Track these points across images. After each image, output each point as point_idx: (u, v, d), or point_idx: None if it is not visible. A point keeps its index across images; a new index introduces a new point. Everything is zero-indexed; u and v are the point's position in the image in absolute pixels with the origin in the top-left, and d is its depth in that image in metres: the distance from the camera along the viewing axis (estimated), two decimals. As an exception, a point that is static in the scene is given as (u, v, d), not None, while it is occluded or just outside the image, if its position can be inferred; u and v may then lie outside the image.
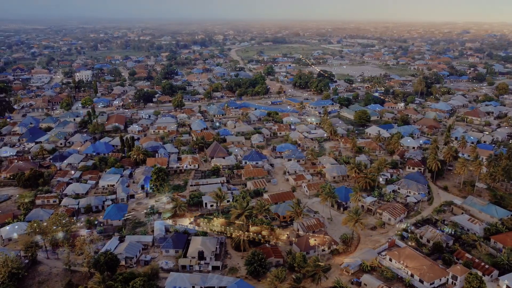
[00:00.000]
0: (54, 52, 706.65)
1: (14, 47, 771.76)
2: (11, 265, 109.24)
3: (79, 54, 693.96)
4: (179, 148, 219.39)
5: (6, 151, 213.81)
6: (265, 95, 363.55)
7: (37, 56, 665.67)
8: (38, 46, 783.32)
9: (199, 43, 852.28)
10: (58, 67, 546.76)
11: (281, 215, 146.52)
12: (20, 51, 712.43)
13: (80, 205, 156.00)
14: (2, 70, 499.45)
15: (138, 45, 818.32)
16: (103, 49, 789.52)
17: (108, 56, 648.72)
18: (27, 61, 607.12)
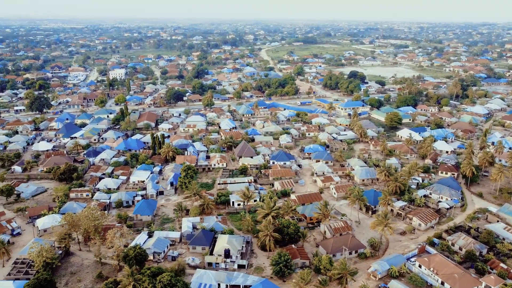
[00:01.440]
0: (90, 50, 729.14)
1: (53, 45, 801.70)
2: (45, 255, 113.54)
3: (113, 53, 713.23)
4: (208, 147, 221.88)
5: (43, 146, 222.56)
6: (295, 95, 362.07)
7: (74, 54, 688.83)
8: (75, 45, 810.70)
9: (229, 42, 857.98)
10: (94, 65, 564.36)
11: (308, 216, 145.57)
12: (59, 50, 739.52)
13: (112, 199, 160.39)
14: (42, 67, 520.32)
15: (170, 45, 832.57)
16: (136, 48, 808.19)
17: (141, 55, 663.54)
18: (65, 59, 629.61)
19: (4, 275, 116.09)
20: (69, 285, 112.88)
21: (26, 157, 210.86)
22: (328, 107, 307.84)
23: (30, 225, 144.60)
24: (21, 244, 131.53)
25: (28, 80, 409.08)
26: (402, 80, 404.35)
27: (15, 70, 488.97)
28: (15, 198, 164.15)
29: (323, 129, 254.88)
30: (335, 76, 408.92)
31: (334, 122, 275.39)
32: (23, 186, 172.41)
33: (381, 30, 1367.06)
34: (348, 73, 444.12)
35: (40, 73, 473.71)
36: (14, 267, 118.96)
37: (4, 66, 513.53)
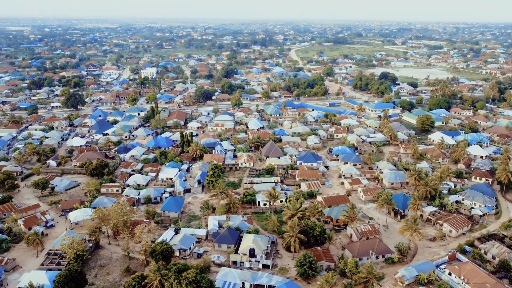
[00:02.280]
0: (123, 50, 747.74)
1: (88, 45, 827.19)
2: (77, 247, 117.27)
3: (145, 52, 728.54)
4: (235, 146, 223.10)
5: (77, 141, 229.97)
6: (324, 96, 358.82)
7: (108, 53, 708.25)
8: (109, 44, 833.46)
9: (259, 42, 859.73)
10: (126, 64, 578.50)
11: (334, 218, 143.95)
12: (93, 49, 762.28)
13: (141, 195, 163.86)
14: (77, 66, 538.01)
15: (200, 44, 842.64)
16: (167, 47, 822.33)
17: (172, 55, 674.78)
18: (99, 58, 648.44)
19: (38, 265, 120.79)
20: (98, 278, 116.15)
21: (60, 152, 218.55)
22: (358, 109, 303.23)
23: (63, 217, 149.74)
24: (54, 236, 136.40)
25: (64, 78, 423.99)
26: (435, 82, 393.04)
27: (52, 68, 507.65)
28: (50, 191, 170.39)
29: (352, 131, 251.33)
30: (366, 77, 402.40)
31: (364, 124, 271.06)
32: (57, 180, 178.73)
33: (414, 31, 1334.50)
34: (379, 74, 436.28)
35: (75, 71, 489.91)
36: (47, 257, 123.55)
37: (42, 64, 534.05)
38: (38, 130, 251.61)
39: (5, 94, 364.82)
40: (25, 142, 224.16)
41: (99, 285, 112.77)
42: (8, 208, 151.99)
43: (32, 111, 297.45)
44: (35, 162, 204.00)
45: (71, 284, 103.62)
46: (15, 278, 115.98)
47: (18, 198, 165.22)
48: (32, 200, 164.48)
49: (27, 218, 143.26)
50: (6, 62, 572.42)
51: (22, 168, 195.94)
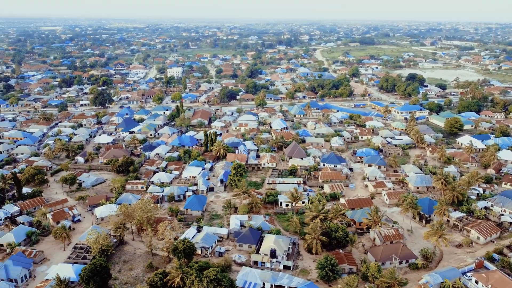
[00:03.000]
0: (150, 49, 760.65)
1: (116, 44, 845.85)
2: (102, 242, 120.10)
3: (172, 52, 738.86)
4: (258, 146, 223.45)
5: (104, 139, 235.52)
6: (349, 97, 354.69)
7: (135, 53, 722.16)
8: (137, 44, 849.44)
9: (284, 43, 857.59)
10: (153, 63, 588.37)
11: (357, 221, 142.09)
12: (122, 48, 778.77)
13: (164, 193, 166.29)
14: (105, 64, 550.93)
15: (226, 44, 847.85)
16: (193, 47, 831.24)
17: (197, 54, 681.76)
18: (126, 57, 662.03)
19: (65, 258, 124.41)
20: (122, 273, 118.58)
21: (88, 149, 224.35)
22: (384, 110, 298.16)
23: (89, 213, 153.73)
24: (81, 231, 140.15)
25: (93, 77, 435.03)
26: (465, 84, 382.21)
27: (82, 66, 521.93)
28: (77, 187, 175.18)
29: (377, 133, 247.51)
30: (392, 78, 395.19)
31: (389, 126, 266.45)
32: (85, 176, 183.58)
33: (444, 31, 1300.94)
34: (406, 75, 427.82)
35: (104, 70, 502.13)
36: (73, 251, 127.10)
37: (72, 63, 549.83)
38: (67, 127, 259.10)
39: (37, 92, 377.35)
40: (55, 139, 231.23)
41: (123, 280, 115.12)
42: (38, 202, 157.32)
43: (62, 109, 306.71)
44: (64, 158, 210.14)
45: (96, 278, 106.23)
46: (43, 270, 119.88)
47: (47, 193, 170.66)
48: (61, 195, 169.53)
49: (55, 212, 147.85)
50: (38, 60, 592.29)
51: (52, 163, 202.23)
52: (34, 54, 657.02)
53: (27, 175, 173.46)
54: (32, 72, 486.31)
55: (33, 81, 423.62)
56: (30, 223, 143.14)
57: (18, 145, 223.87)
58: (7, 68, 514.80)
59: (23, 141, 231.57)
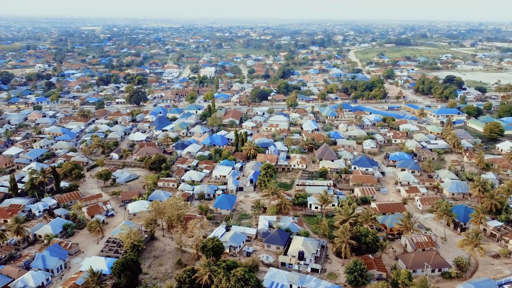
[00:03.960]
0: (184, 49, 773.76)
1: (152, 44, 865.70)
2: (133, 237, 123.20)
3: (205, 52, 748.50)
4: (289, 147, 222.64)
5: (138, 136, 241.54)
6: (382, 99, 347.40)
7: (170, 52, 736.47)
8: (171, 44, 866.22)
9: (317, 43, 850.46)
10: (187, 63, 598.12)
11: (388, 227, 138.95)
12: (157, 48, 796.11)
13: (195, 191, 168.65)
14: (141, 64, 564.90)
15: (258, 44, 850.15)
16: (226, 47, 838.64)
17: (230, 54, 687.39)
18: (161, 56, 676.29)
19: (98, 251, 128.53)
20: (151, 268, 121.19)
21: (122, 146, 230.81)
22: (419, 113, 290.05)
23: (122, 208, 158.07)
24: (114, 225, 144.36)
25: (129, 75, 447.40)
26: (507, 87, 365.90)
27: (119, 65, 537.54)
28: (111, 183, 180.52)
29: (412, 136, 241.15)
30: (429, 81, 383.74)
31: (424, 129, 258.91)
32: (119, 172, 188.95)
33: (485, 32, 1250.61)
34: (443, 77, 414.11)
35: (139, 69, 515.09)
36: (106, 245, 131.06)
37: (110, 62, 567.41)
38: (103, 124, 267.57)
39: (76, 90, 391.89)
40: (91, 135, 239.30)
41: (152, 275, 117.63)
42: (74, 196, 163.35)
43: (99, 106, 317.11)
44: (99, 154, 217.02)
45: (127, 272, 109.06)
46: (77, 262, 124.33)
47: (83, 187, 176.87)
48: (96, 189, 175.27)
49: (90, 207, 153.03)
50: (78, 59, 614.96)
51: (88, 159, 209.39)
52: (74, 53, 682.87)
53: (65, 170, 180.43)
54: (72, 70, 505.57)
55: (73, 79, 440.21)
56: (66, 216, 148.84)
57: (57, 141, 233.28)
58: (49, 66, 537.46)
59: (62, 136, 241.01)
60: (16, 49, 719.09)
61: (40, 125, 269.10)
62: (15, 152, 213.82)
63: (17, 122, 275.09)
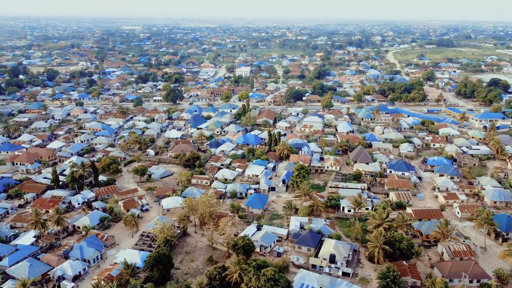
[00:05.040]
0: (220, 48, 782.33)
1: (189, 43, 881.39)
2: (167, 232, 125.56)
3: (241, 51, 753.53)
4: (322, 148, 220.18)
5: (173, 134, 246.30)
6: (421, 102, 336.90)
7: (206, 52, 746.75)
8: (208, 43, 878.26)
9: (354, 44, 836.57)
10: (223, 62, 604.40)
11: (424, 233, 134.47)
12: (194, 47, 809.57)
13: (227, 189, 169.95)
14: (178, 63, 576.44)
15: (294, 45, 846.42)
16: (262, 47, 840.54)
17: (266, 54, 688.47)
18: (198, 56, 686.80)
19: (132, 244, 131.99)
20: (183, 263, 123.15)
21: (159, 143, 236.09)
22: (460, 117, 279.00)
23: (157, 203, 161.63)
24: (148, 219, 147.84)
25: (166, 74, 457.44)
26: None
27: (157, 64, 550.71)
28: (147, 178, 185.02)
29: (451, 141, 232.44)
30: (472, 83, 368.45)
31: (465, 134, 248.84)
32: (154, 168, 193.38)
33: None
34: (488, 80, 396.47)
35: (176, 68, 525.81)
36: (140, 238, 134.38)
37: (148, 60, 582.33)
38: (141, 121, 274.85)
39: (116, 87, 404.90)
40: (129, 131, 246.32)
41: (184, 271, 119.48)
42: (111, 190, 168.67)
43: (137, 103, 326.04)
44: (136, 150, 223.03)
45: (160, 266, 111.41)
46: (112, 253, 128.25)
47: (120, 182, 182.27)
48: (132, 184, 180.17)
49: (126, 201, 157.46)
50: (119, 58, 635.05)
51: (126, 154, 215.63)
52: (115, 52, 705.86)
53: (104, 164, 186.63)
54: (113, 68, 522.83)
55: (113, 77, 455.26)
56: (103, 209, 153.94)
57: (97, 136, 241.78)
58: (91, 64, 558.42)
59: (102, 132, 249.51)
60: (62, 48, 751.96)
61: (81, 120, 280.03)
62: (58, 146, 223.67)
63: (61, 117, 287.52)
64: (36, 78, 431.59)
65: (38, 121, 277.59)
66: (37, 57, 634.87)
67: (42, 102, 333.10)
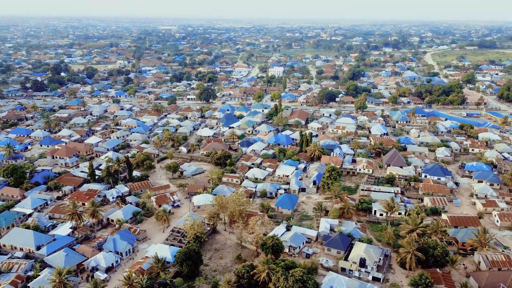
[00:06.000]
0: (254, 48, 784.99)
1: (223, 43, 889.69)
2: (197, 229, 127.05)
3: (274, 52, 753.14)
4: (355, 150, 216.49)
5: (206, 132, 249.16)
6: (460, 105, 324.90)
7: (240, 51, 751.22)
8: (242, 43, 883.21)
9: (391, 44, 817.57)
10: (256, 62, 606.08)
11: (460, 241, 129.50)
12: (228, 47, 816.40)
13: (257, 189, 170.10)
14: (212, 62, 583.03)
15: (328, 45, 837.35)
16: (296, 47, 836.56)
17: (299, 55, 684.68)
18: (232, 55, 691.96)
19: (163, 239, 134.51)
20: (212, 260, 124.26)
21: (191, 140, 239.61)
22: (502, 122, 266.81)
23: (188, 200, 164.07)
24: (179, 215, 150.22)
25: (200, 73, 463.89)
26: None
27: (191, 63, 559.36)
28: (179, 175, 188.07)
29: (492, 146, 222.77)
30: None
31: (508, 139, 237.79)
32: (186, 165, 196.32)
33: None
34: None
35: (210, 67, 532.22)
36: (171, 234, 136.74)
37: (183, 60, 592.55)
38: (174, 119, 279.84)
39: (151, 85, 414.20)
40: (163, 129, 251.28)
41: (212, 267, 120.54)
42: (144, 185, 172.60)
43: (171, 102, 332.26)
44: (169, 147, 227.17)
45: (189, 261, 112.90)
46: (144, 247, 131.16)
47: (153, 178, 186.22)
48: (164, 180, 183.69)
49: (158, 196, 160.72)
50: (155, 57, 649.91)
51: (159, 151, 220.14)
52: (151, 51, 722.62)
53: (138, 160, 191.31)
54: (149, 67, 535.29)
55: (149, 75, 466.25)
56: (136, 203, 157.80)
57: (132, 132, 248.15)
58: (128, 63, 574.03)
59: (137, 129, 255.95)
60: (101, 47, 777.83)
61: (118, 117, 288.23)
62: (95, 141, 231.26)
63: (98, 114, 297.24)
64: (77, 75, 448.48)
65: (77, 117, 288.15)
66: (78, 56, 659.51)
67: (81, 98, 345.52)
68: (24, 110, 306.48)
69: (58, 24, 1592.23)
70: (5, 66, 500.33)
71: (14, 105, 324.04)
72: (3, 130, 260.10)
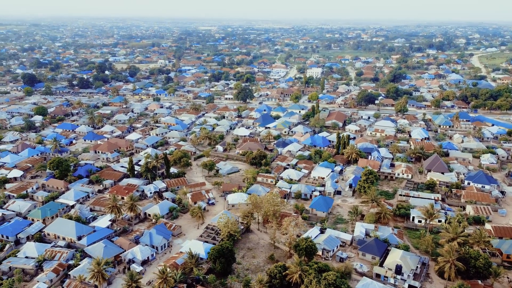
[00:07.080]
0: (292, 49, 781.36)
1: (262, 44, 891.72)
2: (230, 227, 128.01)
3: (313, 52, 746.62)
4: (394, 154, 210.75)
5: (242, 131, 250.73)
6: (509, 110, 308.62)
7: (278, 52, 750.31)
8: (280, 44, 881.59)
9: (435, 46, 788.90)
10: (294, 63, 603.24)
11: (504, 253, 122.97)
12: (266, 48, 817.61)
13: (292, 190, 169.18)
14: (250, 63, 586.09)
15: (369, 46, 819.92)
16: (335, 48, 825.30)
17: (338, 56, 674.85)
18: (270, 56, 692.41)
19: (197, 236, 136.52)
20: (245, 259, 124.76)
21: (227, 139, 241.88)
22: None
23: (222, 198, 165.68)
24: (213, 213, 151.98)
25: (238, 73, 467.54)
26: None
27: (230, 63, 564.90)
28: (214, 173, 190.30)
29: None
30: None
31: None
32: (222, 164, 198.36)
33: None
34: None
35: (248, 67, 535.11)
36: (205, 231, 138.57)
37: (222, 60, 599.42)
38: (212, 118, 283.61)
39: (190, 85, 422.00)
40: (200, 127, 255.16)
41: (245, 266, 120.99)
42: (181, 182, 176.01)
43: (209, 101, 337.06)
44: (206, 146, 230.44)
45: (222, 259, 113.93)
46: (178, 243, 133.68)
47: (189, 175, 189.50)
48: (200, 178, 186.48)
49: (194, 193, 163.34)
50: (194, 57, 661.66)
51: (196, 149, 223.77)
52: (191, 51, 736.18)
53: (175, 157, 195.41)
54: (188, 66, 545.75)
55: (188, 75, 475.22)
56: (173, 199, 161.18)
57: (171, 130, 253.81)
58: (169, 62, 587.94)
59: (175, 127, 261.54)
60: (143, 46, 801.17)
61: (157, 115, 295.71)
62: (135, 138, 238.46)
63: (139, 111, 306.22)
64: (120, 74, 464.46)
65: (119, 113, 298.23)
66: (122, 55, 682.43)
67: (124, 96, 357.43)
68: (70, 106, 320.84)
69: (104, 24, 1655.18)
70: (55, 64, 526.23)
71: (61, 101, 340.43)
72: (50, 124, 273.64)
